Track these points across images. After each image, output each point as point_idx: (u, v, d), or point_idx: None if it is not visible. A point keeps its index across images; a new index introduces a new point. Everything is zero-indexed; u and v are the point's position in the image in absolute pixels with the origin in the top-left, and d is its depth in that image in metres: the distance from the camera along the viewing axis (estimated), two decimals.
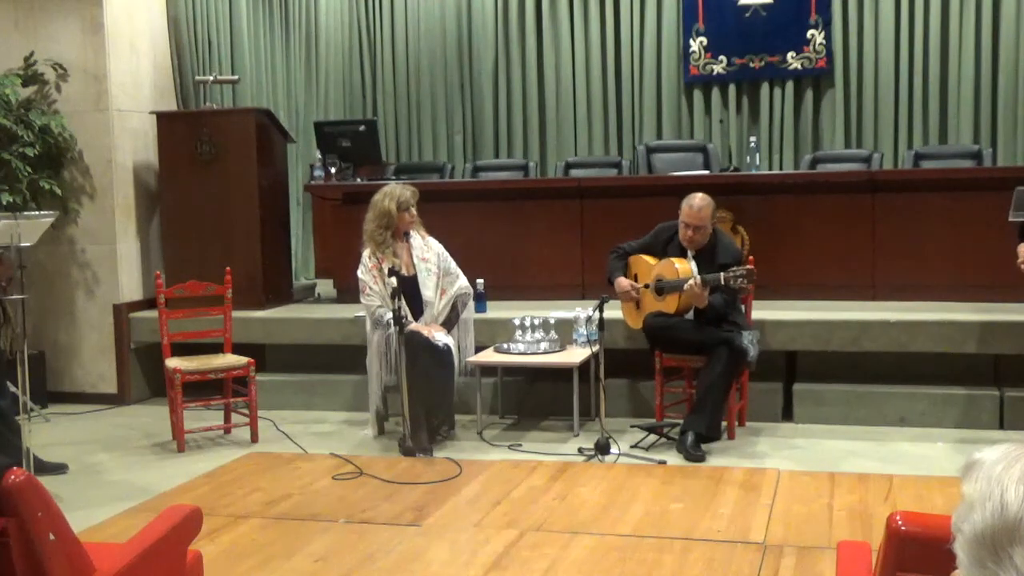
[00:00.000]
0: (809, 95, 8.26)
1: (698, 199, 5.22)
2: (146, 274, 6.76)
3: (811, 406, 5.62)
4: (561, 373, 5.59)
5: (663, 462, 4.89)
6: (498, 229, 6.73)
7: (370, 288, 5.37)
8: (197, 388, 5.61)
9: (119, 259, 6.64)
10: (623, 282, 5.47)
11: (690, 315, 5.24)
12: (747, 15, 8.27)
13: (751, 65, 8.31)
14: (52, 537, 2.23)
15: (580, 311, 5.66)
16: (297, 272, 7.99)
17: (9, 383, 4.79)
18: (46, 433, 5.78)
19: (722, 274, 4.96)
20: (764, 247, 6.14)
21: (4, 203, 6.00)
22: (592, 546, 3.84)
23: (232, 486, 4.74)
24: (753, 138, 7.27)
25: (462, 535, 4.01)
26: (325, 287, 7.56)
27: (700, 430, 5.01)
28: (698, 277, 5.03)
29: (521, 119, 8.85)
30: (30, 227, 4.40)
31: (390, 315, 5.23)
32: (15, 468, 2.22)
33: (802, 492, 4.40)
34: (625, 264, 5.56)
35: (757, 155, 7.03)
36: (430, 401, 5.20)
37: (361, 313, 5.63)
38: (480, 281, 6.03)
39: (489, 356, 5.70)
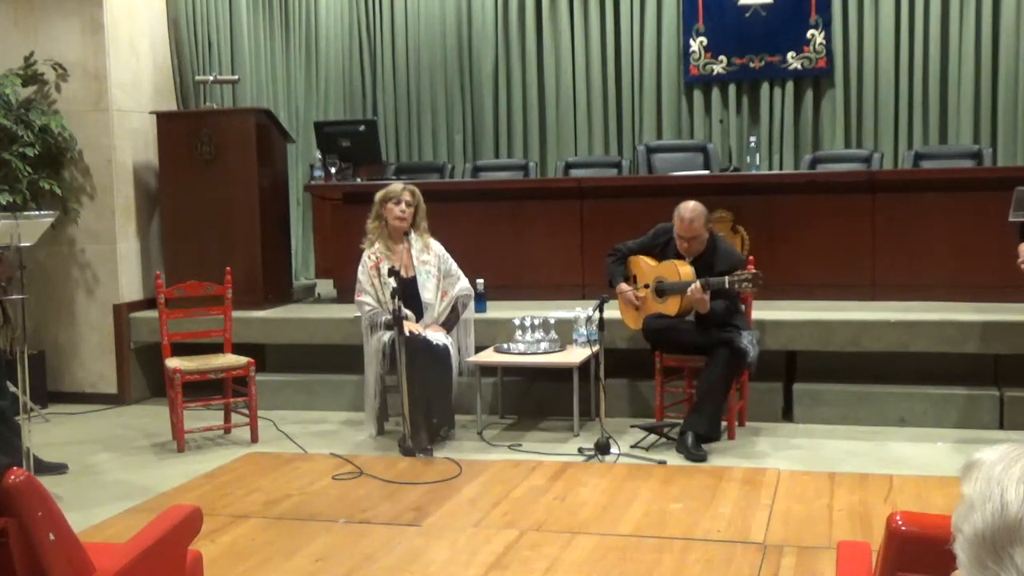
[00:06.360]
0: (809, 95, 8.26)
1: (688, 211, 5.16)
2: (146, 274, 6.76)
3: (811, 406, 5.62)
4: (561, 373, 5.58)
5: (663, 462, 4.89)
6: (498, 229, 6.73)
7: (364, 289, 5.38)
8: (197, 388, 5.61)
9: (119, 259, 6.64)
10: (625, 289, 5.46)
11: (690, 316, 5.23)
12: (747, 15, 8.26)
13: (751, 65, 8.30)
14: (52, 537, 2.23)
15: (580, 311, 5.66)
16: (297, 272, 7.99)
17: (9, 383, 4.79)
18: (46, 433, 5.78)
19: (726, 278, 4.95)
20: (764, 247, 6.15)
21: (4, 203, 6.00)
22: (592, 546, 3.84)
23: (232, 486, 4.74)
24: (753, 138, 7.26)
25: (462, 535, 4.01)
26: (325, 287, 7.57)
27: (700, 430, 5.02)
28: (700, 281, 5.02)
29: (521, 119, 8.84)
30: (30, 227, 4.40)
31: (384, 317, 5.24)
32: (15, 468, 2.22)
33: (802, 492, 4.40)
34: (624, 266, 5.55)
35: (757, 155, 7.03)
36: (428, 401, 5.19)
37: (359, 313, 5.63)
38: (480, 281, 6.03)
39: (489, 356, 5.70)
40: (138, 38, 6.85)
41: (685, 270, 5.19)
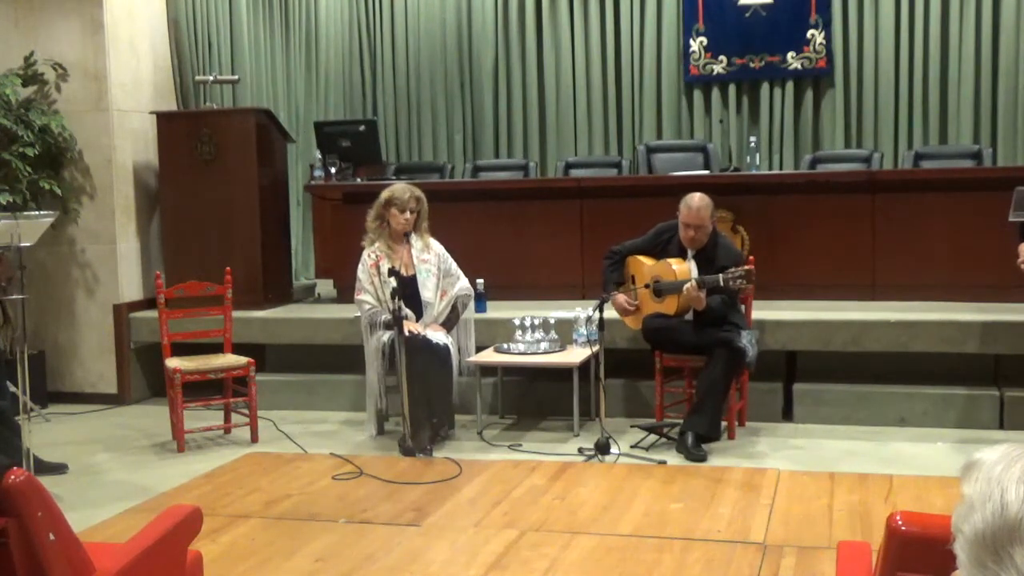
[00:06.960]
0: (809, 95, 8.26)
1: (696, 199, 5.20)
2: (146, 274, 6.76)
3: (811, 406, 5.62)
4: (561, 373, 5.58)
5: (663, 462, 4.89)
6: (498, 229, 6.73)
7: (364, 288, 5.38)
8: (197, 388, 5.61)
9: (119, 259, 6.64)
10: (620, 299, 5.45)
11: (689, 316, 5.24)
12: (747, 15, 8.26)
13: (751, 65, 8.31)
14: (52, 537, 2.23)
15: (580, 311, 5.66)
16: (297, 272, 8.00)
17: (9, 383, 4.79)
18: (46, 433, 5.78)
19: (720, 275, 4.96)
20: (764, 247, 6.15)
21: (4, 203, 6.00)
22: (592, 546, 3.84)
23: (232, 486, 4.74)
24: (753, 138, 7.26)
25: (462, 535, 4.01)
26: (325, 287, 7.57)
27: (700, 430, 5.01)
28: (695, 279, 5.03)
29: (521, 119, 8.84)
30: (30, 227, 4.40)
31: (384, 316, 5.24)
32: (15, 468, 2.22)
33: (802, 492, 4.40)
34: (621, 271, 5.54)
35: (757, 155, 7.03)
36: (428, 401, 5.19)
37: (359, 312, 5.63)
38: (480, 281, 6.03)
39: (489, 356, 5.70)
40: (138, 38, 6.85)
41: (681, 268, 5.19)
